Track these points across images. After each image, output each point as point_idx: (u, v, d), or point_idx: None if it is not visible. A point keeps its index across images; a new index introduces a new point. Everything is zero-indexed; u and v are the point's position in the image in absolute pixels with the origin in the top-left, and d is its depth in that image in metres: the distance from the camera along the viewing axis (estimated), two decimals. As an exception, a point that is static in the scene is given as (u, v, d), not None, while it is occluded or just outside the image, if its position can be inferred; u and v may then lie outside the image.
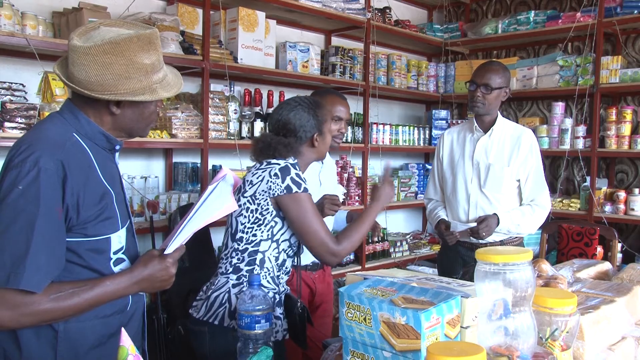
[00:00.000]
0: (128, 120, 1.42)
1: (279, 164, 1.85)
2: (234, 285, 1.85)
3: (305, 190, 1.84)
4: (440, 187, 2.85)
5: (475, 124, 2.68)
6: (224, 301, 1.83)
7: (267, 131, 2.13)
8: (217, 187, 1.40)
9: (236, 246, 1.88)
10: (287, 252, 1.93)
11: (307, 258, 2.40)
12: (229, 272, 1.88)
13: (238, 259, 1.86)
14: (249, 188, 1.88)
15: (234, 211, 1.80)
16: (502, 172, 2.61)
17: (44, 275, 1.23)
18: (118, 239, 1.41)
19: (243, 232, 1.87)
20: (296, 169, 1.86)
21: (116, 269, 1.40)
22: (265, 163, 1.90)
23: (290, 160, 1.91)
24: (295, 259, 2.02)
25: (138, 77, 1.33)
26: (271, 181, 1.83)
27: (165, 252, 1.39)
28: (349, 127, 4.21)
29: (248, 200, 1.87)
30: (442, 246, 2.95)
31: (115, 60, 1.30)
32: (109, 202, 1.38)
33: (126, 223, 1.45)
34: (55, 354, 1.32)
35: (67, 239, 1.30)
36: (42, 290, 1.22)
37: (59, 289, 1.26)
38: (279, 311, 1.91)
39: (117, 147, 1.47)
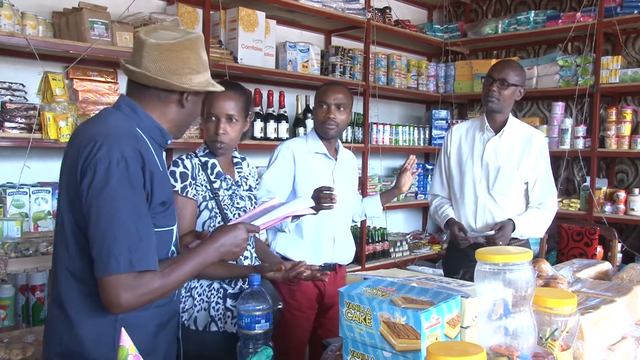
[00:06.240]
0: (188, 114, 1.51)
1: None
2: None
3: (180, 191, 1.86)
4: (447, 183, 2.80)
5: (487, 124, 2.64)
6: None
7: None
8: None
9: None
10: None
11: (317, 259, 2.40)
12: None
13: None
14: None
15: None
16: (512, 175, 2.58)
17: (155, 254, 1.32)
18: (175, 232, 1.49)
19: None
20: (180, 165, 1.88)
21: None
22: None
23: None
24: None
25: (204, 72, 1.47)
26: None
27: (240, 221, 1.57)
28: (349, 127, 4.21)
29: None
30: (450, 245, 2.85)
31: (191, 56, 1.43)
32: (171, 194, 1.46)
33: None
34: (113, 342, 1.33)
35: None
36: (157, 267, 1.31)
37: (161, 266, 1.34)
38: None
39: (168, 142, 1.52)
